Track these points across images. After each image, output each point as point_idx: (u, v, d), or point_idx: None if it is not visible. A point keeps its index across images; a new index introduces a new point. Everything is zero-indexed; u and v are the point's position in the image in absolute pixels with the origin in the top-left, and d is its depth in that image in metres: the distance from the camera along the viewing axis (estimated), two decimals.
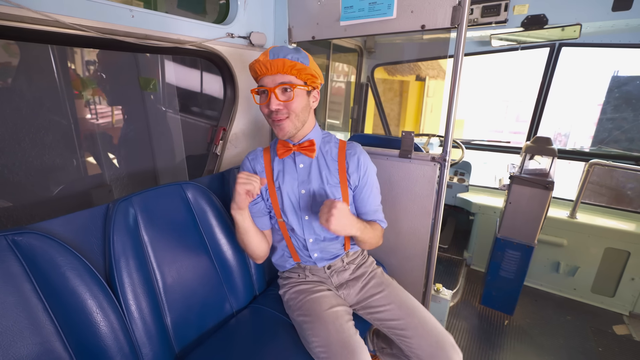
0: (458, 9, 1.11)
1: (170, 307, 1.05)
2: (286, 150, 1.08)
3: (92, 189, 1.25)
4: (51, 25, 0.81)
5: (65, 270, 0.82)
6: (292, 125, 1.01)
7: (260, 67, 0.96)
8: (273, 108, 0.97)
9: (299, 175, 1.11)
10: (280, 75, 0.96)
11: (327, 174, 1.11)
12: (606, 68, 2.98)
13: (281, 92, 0.98)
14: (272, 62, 0.94)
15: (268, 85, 0.97)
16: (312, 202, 1.11)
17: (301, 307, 1.11)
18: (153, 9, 1.70)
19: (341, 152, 1.14)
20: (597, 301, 2.12)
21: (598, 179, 2.31)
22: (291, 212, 1.12)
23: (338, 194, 1.11)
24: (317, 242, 1.15)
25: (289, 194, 1.11)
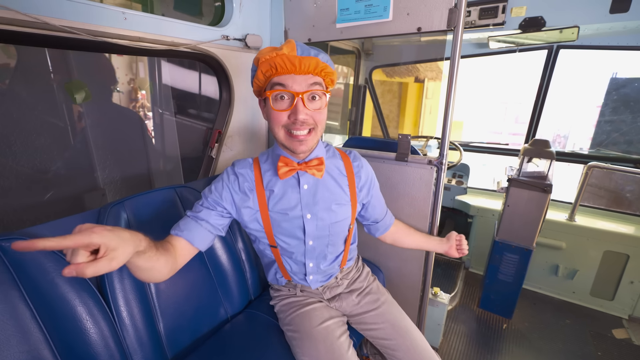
0: (454, 12, 1.10)
1: (163, 313, 1.03)
2: (290, 169, 0.88)
3: (85, 192, 1.24)
4: (40, 28, 0.79)
5: (55, 277, 0.80)
6: (315, 140, 0.87)
7: (284, 64, 0.77)
8: (301, 118, 0.79)
9: (302, 197, 0.94)
10: (312, 77, 0.80)
11: (337, 192, 0.98)
12: (604, 70, 2.98)
13: (308, 99, 0.81)
14: (302, 59, 0.77)
15: (294, 88, 0.79)
16: (320, 226, 0.97)
17: (290, 322, 1.06)
18: (149, 11, 1.70)
19: (347, 164, 1.01)
20: (596, 304, 2.11)
21: (597, 181, 2.30)
22: (291, 238, 0.99)
23: (348, 212, 1.01)
24: (316, 266, 1.06)
25: (291, 221, 0.95)
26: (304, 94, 0.79)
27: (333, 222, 0.99)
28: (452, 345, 1.80)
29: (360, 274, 1.20)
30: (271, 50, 0.78)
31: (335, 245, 1.06)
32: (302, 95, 0.79)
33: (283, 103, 0.81)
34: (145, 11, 1.68)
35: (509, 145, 2.61)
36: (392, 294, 1.29)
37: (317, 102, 0.83)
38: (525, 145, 1.83)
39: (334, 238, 1.03)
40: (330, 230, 1.00)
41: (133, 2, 1.68)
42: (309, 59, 0.77)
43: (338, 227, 1.01)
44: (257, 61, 0.81)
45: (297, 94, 0.79)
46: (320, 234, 0.99)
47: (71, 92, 1.18)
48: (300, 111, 0.79)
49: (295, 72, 0.78)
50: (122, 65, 2.25)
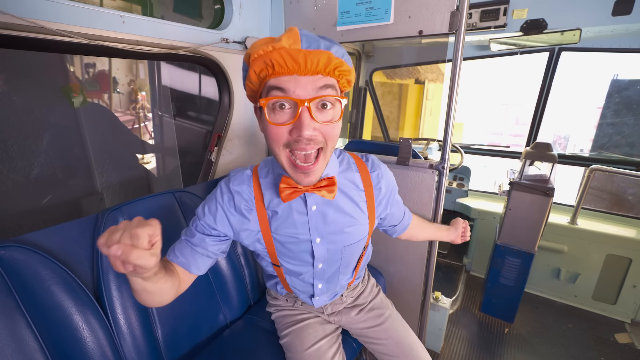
0: (456, 15, 1.09)
1: (161, 320, 1.02)
2: (293, 191, 0.71)
3: (83, 197, 1.23)
4: (36, 32, 0.78)
5: (51, 285, 0.79)
6: (324, 164, 0.67)
7: (284, 61, 0.56)
8: (307, 134, 0.59)
9: (310, 219, 0.79)
10: (322, 78, 0.59)
11: (353, 211, 0.83)
12: (606, 71, 2.98)
13: (316, 108, 0.61)
14: (308, 54, 0.56)
15: (298, 93, 0.59)
16: (332, 250, 0.86)
17: (285, 336, 1.04)
18: (149, 13, 1.69)
19: (364, 175, 0.84)
20: (599, 308, 2.09)
21: (599, 184, 2.28)
22: (298, 261, 0.87)
23: (365, 231, 0.88)
24: (326, 287, 0.97)
25: (298, 245, 0.83)
26: (312, 102, 0.59)
27: (346, 245, 0.86)
28: (453, 350, 1.79)
29: (365, 288, 1.13)
30: (267, 43, 0.58)
31: (349, 266, 0.97)
32: (308, 104, 0.58)
33: (283, 115, 0.61)
34: (144, 13, 1.67)
35: (510, 148, 2.60)
36: (393, 298, 1.28)
37: (329, 111, 0.62)
38: (527, 149, 1.82)
39: (347, 260, 0.92)
40: (343, 253, 0.89)
41: (133, 3, 1.67)
42: (318, 54, 0.57)
43: (352, 249, 0.90)
44: (249, 57, 0.61)
45: (302, 101, 0.58)
46: (332, 257, 0.88)
47: (68, 96, 1.17)
48: (305, 125, 0.58)
49: (299, 72, 0.58)
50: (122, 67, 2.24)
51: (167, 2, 1.81)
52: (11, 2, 0.74)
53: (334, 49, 0.60)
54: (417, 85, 5.03)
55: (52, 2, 0.80)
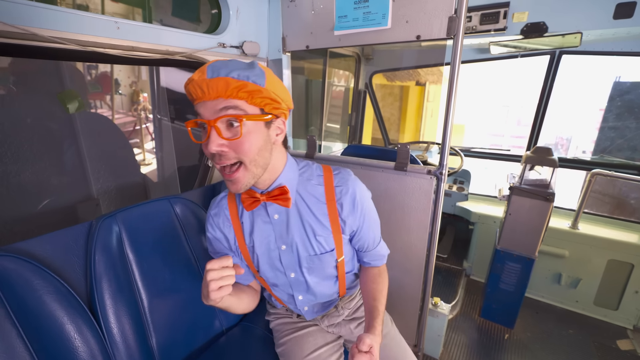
0: (454, 20, 1.08)
1: (156, 328, 1.01)
2: (253, 201, 0.81)
3: (79, 203, 1.22)
4: (29, 39, 0.78)
5: (43, 294, 0.78)
6: (249, 175, 0.74)
7: (195, 90, 0.66)
8: (213, 150, 0.67)
9: (275, 227, 0.86)
10: (223, 100, 0.66)
11: (313, 223, 0.85)
12: (607, 74, 2.95)
13: (225, 127, 0.69)
14: (209, 82, 0.64)
15: (205, 116, 0.68)
16: (297, 258, 0.89)
17: (283, 344, 1.03)
18: (148, 17, 1.69)
19: (329, 189, 0.85)
20: (600, 314, 2.07)
21: (600, 188, 2.26)
22: (272, 271, 0.92)
23: (330, 244, 0.88)
24: (308, 298, 0.98)
25: (266, 251, 0.89)
26: (216, 122, 0.66)
27: (312, 254, 0.88)
28: (452, 356, 1.77)
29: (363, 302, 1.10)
30: (189, 79, 0.69)
31: (325, 277, 0.95)
32: (213, 123, 0.66)
33: (203, 133, 0.70)
34: (144, 17, 1.67)
35: (510, 151, 2.58)
36: (391, 304, 1.26)
37: (236, 129, 0.68)
38: (527, 153, 1.80)
39: (318, 271, 0.92)
40: (311, 264, 0.89)
41: (133, 6, 1.66)
42: (216, 81, 0.64)
43: (319, 260, 0.89)
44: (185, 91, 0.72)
45: (209, 122, 0.67)
46: (301, 266, 0.89)
47: (64, 102, 1.16)
48: (211, 142, 0.67)
49: (205, 97, 0.66)
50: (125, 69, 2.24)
51: (166, 6, 1.81)
52: (3, 9, 0.73)
53: (234, 74, 0.65)
54: (418, 87, 5.01)
55: (45, 9, 0.80)
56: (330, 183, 0.86)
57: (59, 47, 0.83)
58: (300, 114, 2.49)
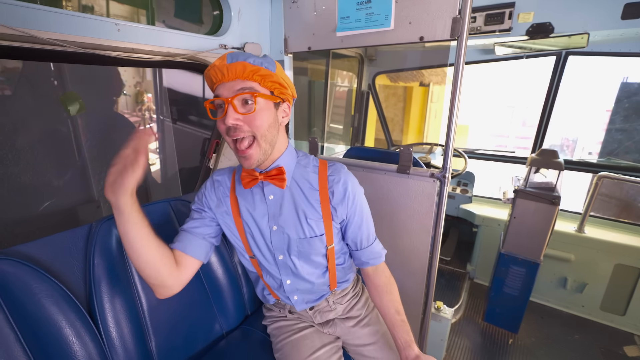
0: (458, 21, 1.06)
1: (155, 331, 1.00)
2: (251, 179, 0.87)
3: (80, 205, 1.22)
4: (27, 42, 0.77)
5: (41, 298, 0.78)
6: (260, 151, 0.81)
7: (216, 73, 0.78)
8: (229, 123, 0.76)
9: (269, 208, 0.91)
10: (240, 82, 0.77)
11: (305, 207, 0.91)
12: (614, 74, 2.91)
13: (241, 104, 0.78)
14: (229, 66, 0.76)
15: (224, 94, 0.78)
16: (287, 240, 0.92)
17: (280, 349, 1.02)
18: (151, 18, 1.68)
19: (322, 178, 0.92)
20: (607, 320, 2.03)
21: (607, 191, 2.22)
22: (262, 251, 0.95)
23: (320, 229, 0.92)
24: (295, 284, 0.99)
25: (258, 230, 0.93)
26: (233, 99, 0.77)
27: (301, 237, 0.91)
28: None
29: (358, 301, 1.11)
30: (210, 65, 0.80)
31: (312, 263, 0.97)
32: (231, 100, 0.77)
33: (219, 111, 0.81)
34: (147, 18, 1.67)
35: (515, 153, 2.55)
36: None
37: (250, 105, 0.78)
38: (532, 155, 1.78)
39: (306, 255, 0.94)
40: (300, 247, 0.93)
41: (137, 7, 1.66)
42: (235, 65, 0.76)
43: (308, 244, 0.92)
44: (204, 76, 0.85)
45: (227, 100, 0.77)
46: (289, 248, 0.93)
47: (65, 104, 1.16)
48: (229, 116, 0.77)
49: (224, 79, 0.78)
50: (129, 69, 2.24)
51: (168, 8, 1.81)
52: (2, 11, 0.73)
53: (250, 60, 0.78)
54: (421, 87, 4.98)
55: (44, 11, 0.79)
56: (324, 172, 0.93)
57: (59, 50, 0.83)
58: (303, 115, 2.48)
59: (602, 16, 1.60)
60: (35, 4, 0.78)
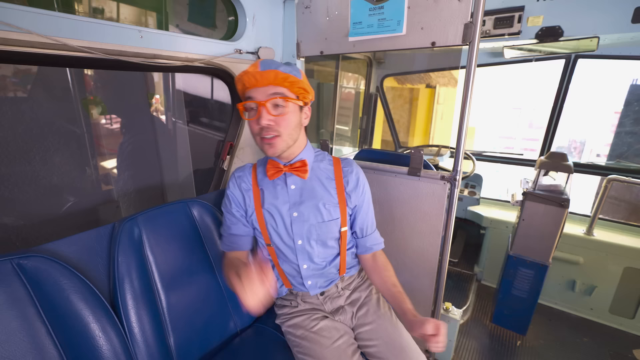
0: (470, 26, 1.08)
1: (174, 328, 1.03)
2: (276, 171, 0.99)
3: (100, 205, 1.26)
4: (59, 49, 0.81)
5: (70, 294, 0.82)
6: (283, 143, 0.93)
7: (249, 79, 0.88)
8: (264, 123, 0.88)
9: (290, 197, 1.03)
10: (272, 87, 0.88)
11: (324, 194, 1.04)
12: (623, 76, 2.89)
13: (273, 107, 0.90)
14: (262, 73, 0.86)
15: (258, 98, 0.89)
16: (306, 225, 1.03)
17: (299, 344, 1.05)
18: (164, 22, 1.72)
19: (337, 169, 1.07)
20: (616, 323, 2.03)
21: (616, 194, 2.22)
22: (282, 237, 1.05)
23: (336, 213, 1.04)
24: (311, 269, 1.08)
25: (279, 217, 1.03)
26: (266, 102, 0.88)
27: (320, 221, 1.03)
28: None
29: (361, 284, 1.19)
30: (243, 72, 0.90)
31: (327, 247, 1.07)
32: (264, 104, 0.88)
33: (252, 113, 0.93)
34: (160, 22, 1.71)
35: (523, 155, 2.55)
36: None
37: (280, 108, 0.91)
38: (541, 158, 1.78)
39: (323, 239, 1.05)
40: (318, 230, 1.04)
41: (149, 10, 1.70)
42: (268, 72, 0.86)
43: (326, 227, 1.04)
44: (235, 80, 0.95)
45: (260, 103, 0.88)
46: (308, 233, 1.03)
47: (87, 107, 1.21)
48: (263, 117, 0.88)
49: (258, 84, 0.88)
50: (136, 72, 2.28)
51: (182, 12, 1.85)
52: (37, 21, 0.77)
53: (281, 68, 0.88)
54: (428, 89, 4.99)
55: (74, 20, 0.83)
56: (339, 165, 1.08)
57: (87, 57, 0.87)
58: (312, 116, 2.51)
59: (612, 20, 1.61)
60: (53, 9, 0.82)
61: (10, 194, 1.05)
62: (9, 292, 0.74)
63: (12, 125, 1.05)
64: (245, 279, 0.77)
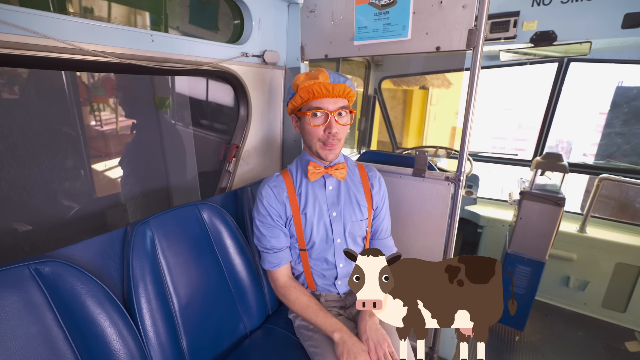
0: (474, 32, 1.11)
1: (186, 330, 1.04)
2: (318, 172, 1.06)
3: (108, 208, 1.25)
4: (75, 54, 0.81)
5: (86, 298, 0.81)
6: (340, 147, 1.05)
7: (320, 89, 0.95)
8: (334, 132, 0.98)
9: (328, 198, 1.10)
10: (342, 100, 1.00)
11: (357, 194, 1.12)
12: (608, 78, 3.00)
13: (339, 117, 1.00)
14: (334, 85, 0.96)
15: (329, 108, 0.98)
16: (343, 224, 1.10)
17: (312, 337, 1.08)
18: (164, 25, 1.71)
19: (362, 173, 1.16)
20: (608, 316, 2.10)
21: (607, 192, 2.30)
22: (322, 238, 1.10)
23: (365, 213, 1.13)
24: (347, 267, 1.14)
25: (319, 219, 1.08)
26: (335, 113, 0.98)
27: (354, 220, 1.11)
28: None
29: None
30: (309, 79, 0.96)
31: (357, 244, 1.15)
32: (334, 114, 0.98)
33: (318, 119, 1.00)
34: (158, 24, 1.69)
35: (517, 155, 2.62)
36: None
37: (344, 118, 1.02)
38: (537, 159, 1.84)
39: (355, 237, 1.13)
40: (352, 229, 1.11)
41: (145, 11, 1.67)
42: (339, 85, 0.96)
43: (360, 226, 1.13)
44: (297, 87, 1.00)
45: (331, 112, 0.98)
46: (346, 232, 1.10)
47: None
48: (333, 126, 0.98)
49: (329, 95, 0.97)
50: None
51: (183, 14, 1.84)
52: (53, 26, 0.77)
53: (347, 82, 1.00)
54: (421, 90, 5.06)
55: (88, 24, 0.83)
56: (363, 170, 1.18)
57: (101, 61, 0.87)
58: None
59: (604, 25, 1.67)
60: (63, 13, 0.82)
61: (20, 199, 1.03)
62: (26, 298, 0.74)
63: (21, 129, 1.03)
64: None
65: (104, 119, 1.51)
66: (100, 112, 1.47)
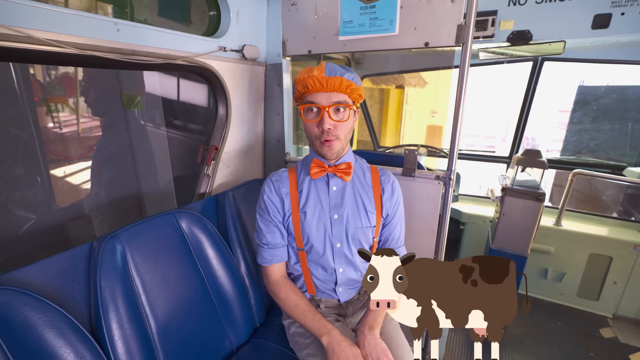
0: (463, 28, 1.09)
1: (166, 354, 0.93)
2: (321, 170, 1.00)
3: (69, 221, 1.11)
4: (23, 42, 0.69)
5: (44, 330, 0.69)
6: (340, 145, 0.97)
7: (314, 83, 0.89)
8: (326, 127, 0.92)
9: (331, 199, 1.03)
10: (336, 94, 0.91)
11: (365, 199, 1.04)
12: (570, 78, 3.16)
13: (334, 112, 0.93)
14: (328, 79, 0.88)
15: (322, 103, 0.91)
16: (346, 228, 1.02)
17: (309, 345, 1.01)
18: (129, 16, 1.57)
19: (374, 177, 1.08)
20: (583, 305, 2.20)
21: (579, 186, 2.41)
22: (320, 240, 1.03)
23: (373, 221, 1.05)
24: (347, 273, 1.06)
25: (319, 220, 1.02)
26: (329, 108, 0.91)
27: (359, 226, 1.03)
28: (455, 356, 1.80)
29: None
30: (306, 72, 0.91)
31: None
32: (327, 109, 0.91)
33: (312, 114, 0.95)
34: (122, 17, 1.55)
35: (495, 152, 2.69)
36: None
37: (341, 114, 0.94)
38: (517, 155, 1.88)
39: (359, 244, 1.05)
40: (355, 235, 1.03)
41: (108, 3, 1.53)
42: (334, 79, 0.88)
43: (365, 233, 1.04)
44: (295, 81, 0.96)
45: (324, 107, 0.91)
46: (348, 237, 1.03)
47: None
48: (325, 122, 0.91)
49: (323, 90, 0.90)
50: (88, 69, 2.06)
51: (151, 5, 1.70)
52: None
53: (346, 75, 0.91)
54: (397, 89, 5.12)
55: (40, 8, 0.71)
56: (376, 173, 1.09)
57: (56, 51, 0.74)
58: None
59: (575, 25, 1.73)
60: None
61: None
62: None
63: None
64: None
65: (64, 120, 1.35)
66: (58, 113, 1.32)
